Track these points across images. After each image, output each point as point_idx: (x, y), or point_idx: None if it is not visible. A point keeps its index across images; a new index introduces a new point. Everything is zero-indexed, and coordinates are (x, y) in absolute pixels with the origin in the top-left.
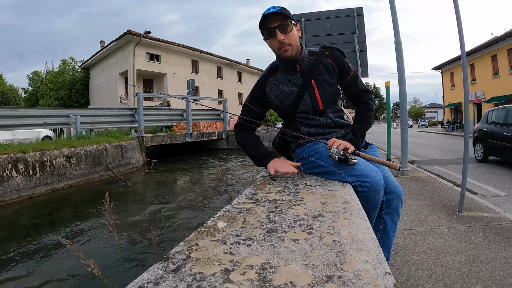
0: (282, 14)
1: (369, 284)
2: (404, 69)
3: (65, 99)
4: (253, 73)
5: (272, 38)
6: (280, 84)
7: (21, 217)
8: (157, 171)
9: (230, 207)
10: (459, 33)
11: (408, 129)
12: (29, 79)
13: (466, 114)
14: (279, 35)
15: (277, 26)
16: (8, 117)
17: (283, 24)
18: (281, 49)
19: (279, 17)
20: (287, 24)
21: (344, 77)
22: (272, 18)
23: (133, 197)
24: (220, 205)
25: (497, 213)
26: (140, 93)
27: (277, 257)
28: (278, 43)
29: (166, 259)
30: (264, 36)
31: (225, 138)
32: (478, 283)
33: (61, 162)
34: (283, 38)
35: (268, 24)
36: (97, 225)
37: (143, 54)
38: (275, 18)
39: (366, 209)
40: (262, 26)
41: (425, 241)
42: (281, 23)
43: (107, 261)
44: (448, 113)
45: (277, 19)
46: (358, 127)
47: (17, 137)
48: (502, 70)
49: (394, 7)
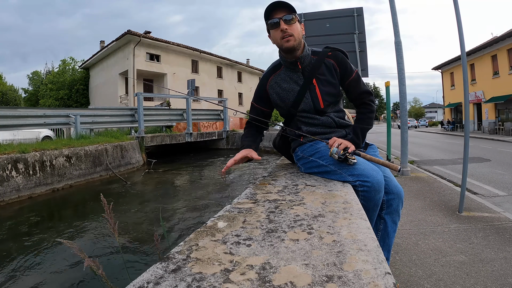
0: (286, 6)
1: (369, 284)
2: (404, 69)
3: (65, 99)
4: (253, 73)
5: (275, 28)
6: (281, 82)
7: (21, 217)
8: (157, 171)
9: (230, 207)
10: (459, 33)
11: (409, 130)
12: (29, 79)
13: (466, 114)
14: (283, 24)
15: (282, 17)
16: (8, 117)
17: (287, 15)
18: (284, 39)
19: (284, 9)
20: (291, 16)
21: (346, 78)
22: (278, 10)
23: (133, 197)
24: (220, 205)
25: (497, 213)
26: (140, 93)
27: (277, 257)
28: (281, 32)
29: (166, 259)
30: (268, 27)
31: (225, 138)
32: (478, 283)
33: (61, 162)
34: (286, 27)
35: (273, 15)
36: (97, 225)
37: (143, 54)
38: (281, 10)
39: (367, 209)
40: (267, 17)
41: (425, 241)
42: (285, 14)
43: (107, 261)
44: (448, 113)
45: (282, 11)
46: (359, 127)
47: (17, 137)
48: (502, 70)
49: (394, 7)
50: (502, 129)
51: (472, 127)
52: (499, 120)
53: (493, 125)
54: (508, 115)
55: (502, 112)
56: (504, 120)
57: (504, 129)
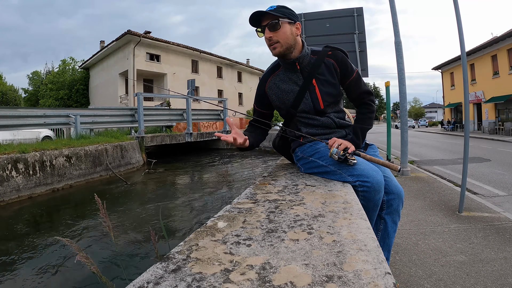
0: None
1: (369, 284)
2: (404, 69)
3: (65, 99)
4: (253, 73)
5: (262, 36)
6: (280, 82)
7: (21, 217)
8: (157, 171)
9: (230, 207)
10: (459, 33)
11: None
12: (29, 79)
13: (466, 114)
14: (267, 32)
15: (266, 25)
16: (8, 117)
17: (271, 22)
18: (270, 47)
19: (268, 16)
20: (276, 22)
21: (347, 78)
22: (263, 18)
23: (133, 197)
24: (220, 205)
25: (497, 213)
26: (140, 93)
27: (277, 257)
28: (268, 40)
29: (166, 259)
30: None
31: None
32: (478, 283)
33: (61, 162)
34: (270, 35)
35: (259, 23)
36: (97, 225)
37: (143, 54)
38: (266, 17)
39: (367, 209)
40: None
41: (425, 241)
42: (269, 21)
43: (107, 261)
44: (448, 113)
45: (267, 17)
46: (359, 127)
47: (17, 137)
48: (502, 70)
49: (394, 7)
50: (502, 129)
51: (472, 127)
52: (499, 120)
53: (493, 125)
54: (508, 115)
55: (502, 112)
56: (504, 120)
57: (504, 129)
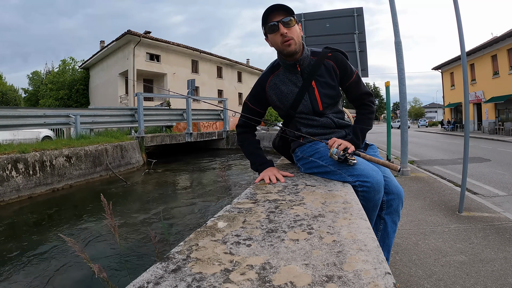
0: (284, 9)
1: (369, 284)
2: (404, 69)
3: (65, 99)
4: (253, 73)
5: (274, 33)
6: (280, 83)
7: (21, 217)
8: (157, 171)
9: (230, 207)
10: (459, 33)
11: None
12: (29, 79)
13: (466, 114)
14: (282, 28)
15: (280, 20)
16: (8, 117)
17: (285, 18)
18: (285, 43)
19: (281, 12)
20: (290, 18)
21: (346, 80)
22: (276, 13)
23: (133, 197)
24: (220, 205)
25: (497, 213)
26: (140, 93)
27: (277, 257)
28: (281, 36)
29: (166, 259)
30: (267, 31)
31: (225, 138)
32: (478, 283)
33: (61, 162)
34: (286, 31)
35: (271, 19)
36: (97, 225)
37: (143, 54)
38: (278, 13)
39: (366, 209)
40: (265, 21)
41: (425, 241)
42: (284, 17)
43: (107, 261)
44: (448, 113)
45: (280, 14)
46: (359, 127)
47: (17, 137)
48: (502, 70)
49: (394, 7)
50: (502, 129)
51: (472, 127)
52: (499, 120)
53: (493, 125)
54: (508, 115)
55: (502, 112)
56: (504, 120)
57: (504, 129)
